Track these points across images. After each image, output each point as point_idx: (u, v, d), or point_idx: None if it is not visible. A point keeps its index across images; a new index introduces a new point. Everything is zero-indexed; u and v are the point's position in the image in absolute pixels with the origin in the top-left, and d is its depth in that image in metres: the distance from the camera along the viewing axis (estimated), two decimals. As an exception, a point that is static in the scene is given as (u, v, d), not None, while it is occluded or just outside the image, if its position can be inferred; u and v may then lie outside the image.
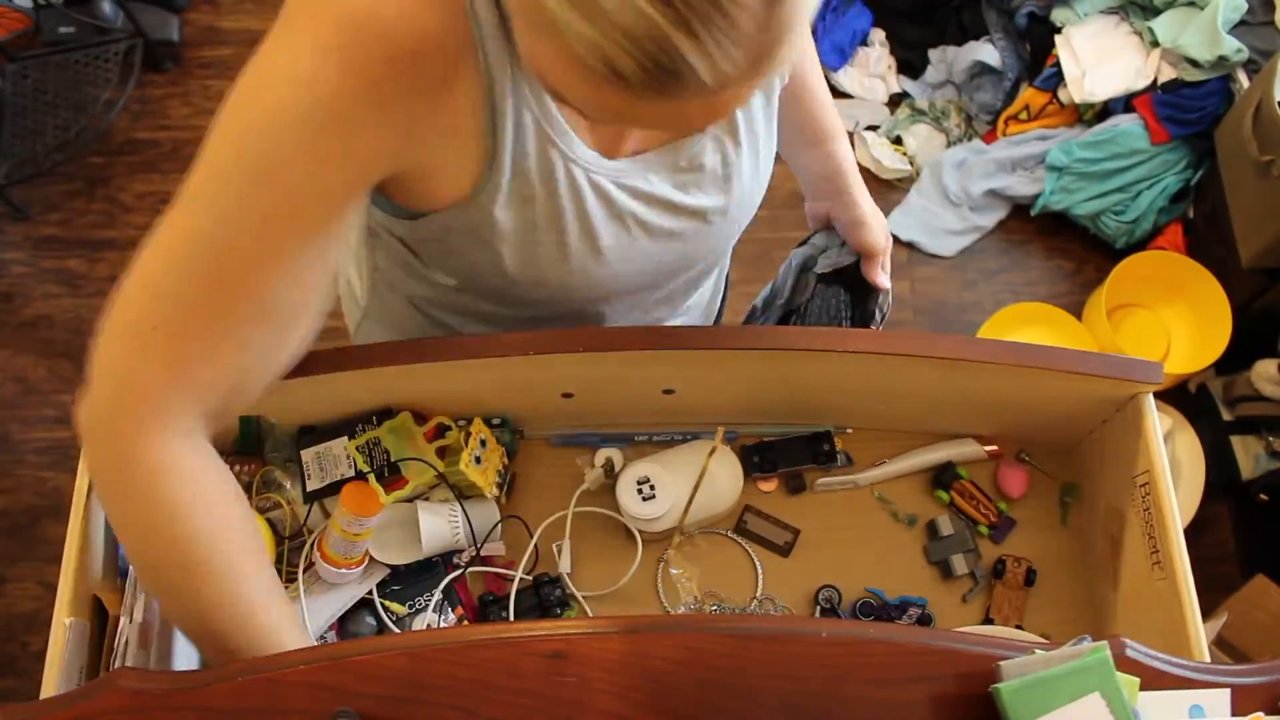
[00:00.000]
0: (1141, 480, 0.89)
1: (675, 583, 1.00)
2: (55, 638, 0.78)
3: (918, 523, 1.02)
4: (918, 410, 1.01)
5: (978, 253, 2.26)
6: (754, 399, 0.99)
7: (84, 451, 0.69)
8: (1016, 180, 2.22)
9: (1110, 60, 2.11)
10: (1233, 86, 2.01)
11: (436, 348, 0.88)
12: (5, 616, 1.90)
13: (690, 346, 0.89)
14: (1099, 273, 2.16)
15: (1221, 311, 2.00)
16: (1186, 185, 2.12)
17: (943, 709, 0.71)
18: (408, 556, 0.94)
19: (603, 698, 0.69)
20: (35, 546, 1.96)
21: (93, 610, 0.83)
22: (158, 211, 0.66)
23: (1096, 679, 0.67)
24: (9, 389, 2.09)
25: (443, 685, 0.70)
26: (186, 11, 2.46)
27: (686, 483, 0.96)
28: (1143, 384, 0.89)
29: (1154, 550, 0.87)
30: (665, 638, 0.71)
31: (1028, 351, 0.89)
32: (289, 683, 0.69)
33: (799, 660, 0.72)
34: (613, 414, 1.01)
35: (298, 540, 0.95)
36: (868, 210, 1.04)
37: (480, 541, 0.96)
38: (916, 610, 0.97)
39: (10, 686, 1.84)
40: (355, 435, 0.94)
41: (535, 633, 0.72)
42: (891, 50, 2.42)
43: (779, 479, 1.03)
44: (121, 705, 0.69)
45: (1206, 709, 0.71)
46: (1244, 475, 1.92)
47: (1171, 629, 0.84)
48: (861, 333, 0.90)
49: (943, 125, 2.34)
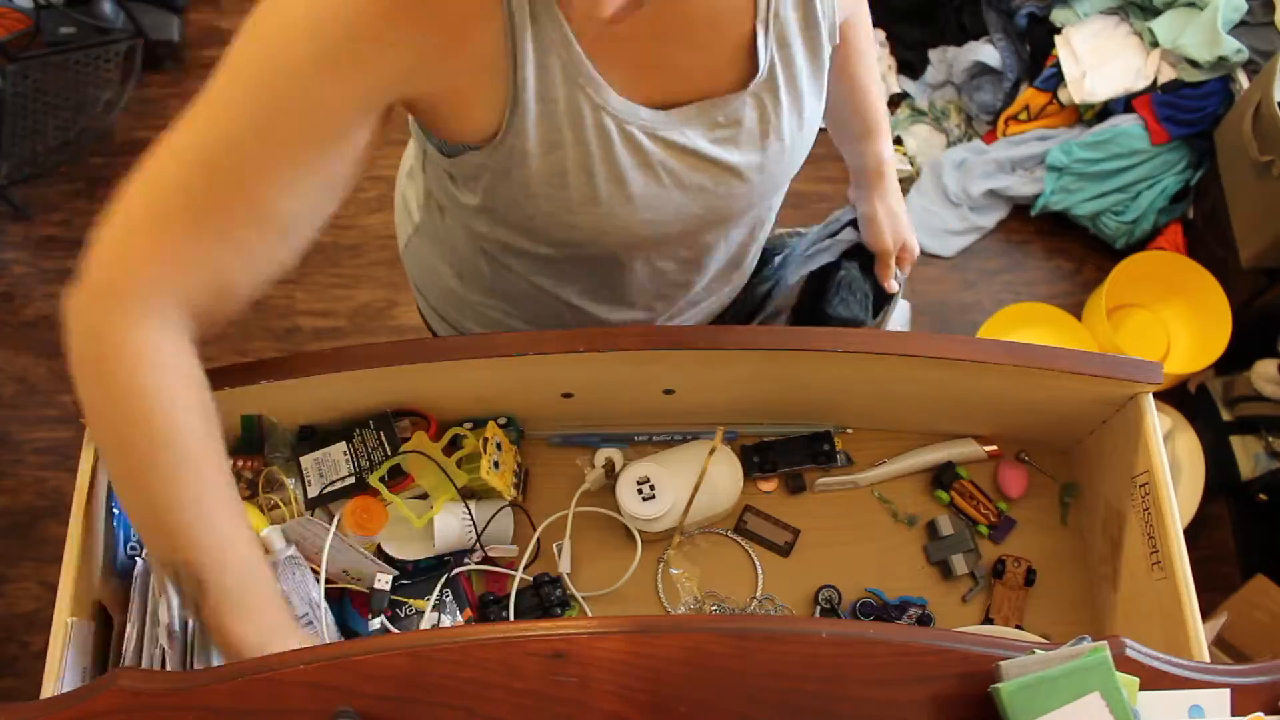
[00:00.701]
0: (1141, 480, 0.89)
1: (675, 583, 1.00)
2: (55, 638, 0.78)
3: (918, 523, 1.02)
4: (918, 410, 1.01)
5: (978, 253, 2.26)
6: (754, 399, 0.99)
7: (66, 331, 0.69)
8: (1016, 180, 2.22)
9: (1110, 60, 2.11)
10: (1232, 87, 2.01)
11: (437, 348, 0.88)
12: (5, 616, 1.90)
13: (690, 346, 0.89)
14: (1099, 273, 2.16)
15: (1221, 311, 2.00)
16: (1186, 185, 2.12)
17: (943, 709, 0.71)
18: (421, 552, 0.94)
19: (603, 698, 0.69)
20: (35, 546, 1.96)
21: (95, 610, 0.83)
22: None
23: (1096, 679, 0.67)
24: (9, 389, 2.09)
25: (443, 685, 0.70)
26: (187, 11, 2.46)
27: (686, 483, 0.96)
28: (1143, 384, 0.89)
29: (1154, 550, 0.87)
30: (665, 638, 0.71)
31: (1028, 352, 0.89)
32: (289, 683, 0.69)
33: (799, 660, 0.72)
34: (613, 414, 1.01)
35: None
36: (880, 210, 1.06)
37: (478, 540, 0.96)
38: (916, 610, 0.97)
39: (10, 686, 1.84)
40: (352, 439, 0.94)
41: (535, 633, 0.72)
42: (891, 50, 2.42)
43: (779, 479, 1.03)
44: (121, 705, 0.69)
45: (1206, 709, 0.71)
46: (1244, 475, 1.92)
47: (1171, 629, 0.84)
48: (861, 333, 0.90)
49: (943, 125, 2.34)
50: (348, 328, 2.13)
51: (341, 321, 2.14)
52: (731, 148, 0.80)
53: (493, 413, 0.99)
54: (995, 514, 1.01)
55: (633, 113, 0.74)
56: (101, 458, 0.82)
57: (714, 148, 0.79)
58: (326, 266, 2.17)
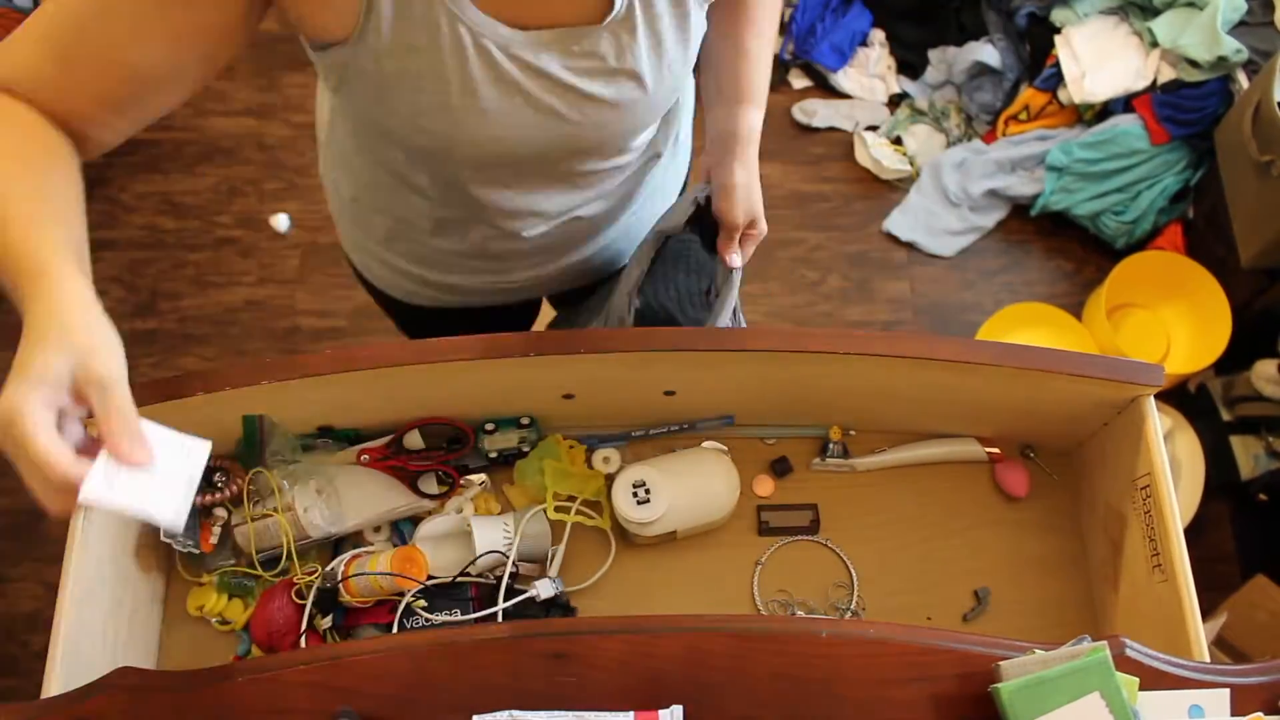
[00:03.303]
0: (1142, 483, 0.89)
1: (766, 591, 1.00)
2: (55, 638, 0.78)
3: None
4: (918, 412, 1.01)
5: (978, 253, 2.26)
6: (754, 400, 0.99)
7: None
8: (1016, 180, 2.22)
9: (1110, 60, 2.12)
10: (1232, 87, 2.02)
11: (439, 348, 0.88)
12: (5, 616, 1.90)
13: (691, 348, 0.89)
14: (1099, 273, 2.16)
15: (1221, 311, 2.00)
16: (1186, 185, 2.12)
17: (943, 709, 0.71)
18: (458, 566, 0.93)
19: (603, 698, 0.69)
20: (35, 546, 1.96)
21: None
22: (158, 211, 0.66)
23: (1096, 679, 0.67)
24: (9, 389, 2.09)
25: (443, 685, 0.70)
26: (186, 11, 2.46)
27: (682, 487, 0.96)
28: (1143, 387, 0.90)
29: (1154, 553, 0.87)
30: (665, 638, 0.71)
31: (1029, 354, 0.89)
32: (289, 683, 0.69)
33: (799, 660, 0.72)
34: (614, 415, 1.01)
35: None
36: (739, 177, 1.01)
37: (478, 555, 0.96)
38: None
39: (10, 686, 1.84)
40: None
41: (535, 632, 0.72)
42: (891, 51, 2.42)
43: (770, 473, 1.03)
44: (121, 705, 0.69)
45: (1206, 709, 0.71)
46: (1244, 475, 1.92)
47: (1171, 629, 0.84)
48: (861, 335, 0.90)
49: (942, 125, 2.35)
50: (348, 328, 2.13)
51: (341, 321, 2.14)
52: (586, 79, 0.81)
53: (494, 414, 0.99)
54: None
55: (490, 27, 0.76)
56: None
57: (568, 75, 0.81)
58: (326, 266, 2.17)
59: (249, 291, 2.16)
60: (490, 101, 0.80)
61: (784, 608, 0.99)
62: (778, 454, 1.04)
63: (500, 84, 0.79)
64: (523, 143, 0.85)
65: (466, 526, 0.94)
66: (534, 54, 0.79)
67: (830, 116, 2.35)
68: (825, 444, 1.03)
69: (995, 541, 1.02)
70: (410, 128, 0.82)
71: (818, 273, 2.23)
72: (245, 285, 2.16)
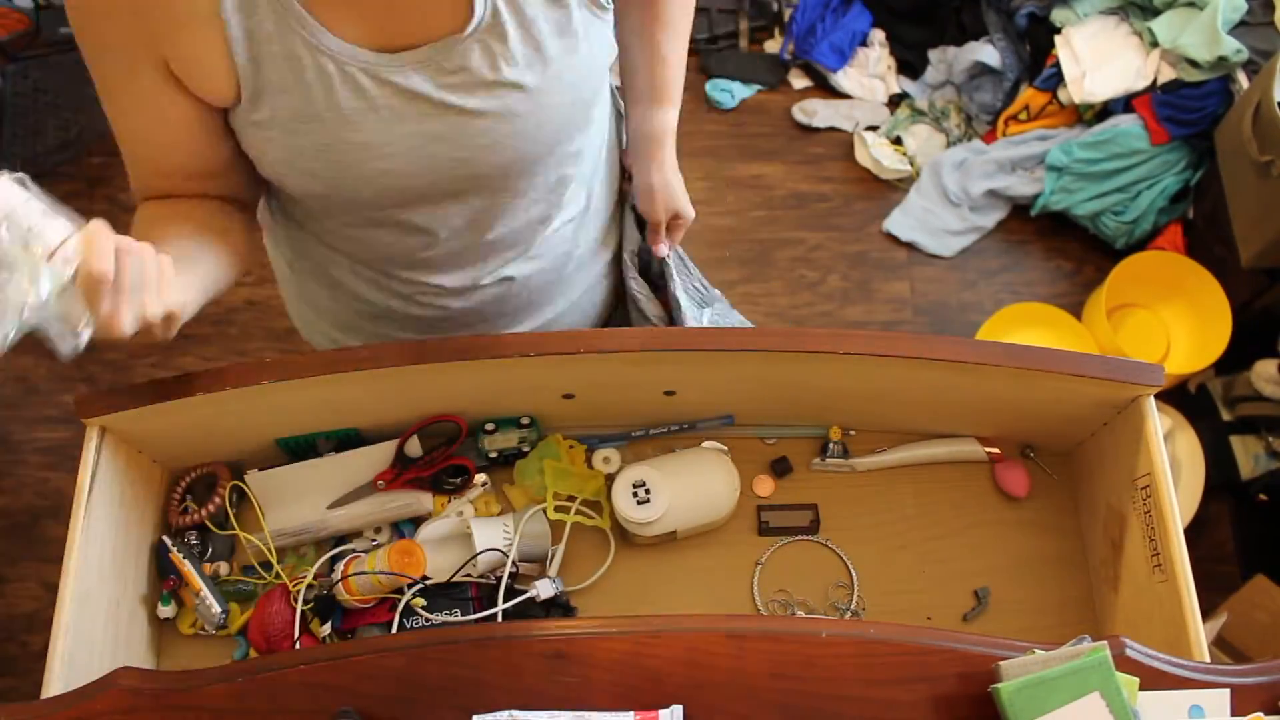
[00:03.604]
0: (1142, 483, 0.89)
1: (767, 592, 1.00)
2: (55, 638, 0.78)
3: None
4: (918, 412, 1.01)
5: (978, 253, 2.26)
6: (754, 400, 0.99)
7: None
8: (1016, 180, 2.22)
9: (1110, 60, 2.11)
10: (1232, 87, 2.02)
11: (439, 349, 0.88)
12: (5, 616, 1.90)
13: (691, 348, 0.89)
14: (1099, 273, 2.16)
15: (1221, 311, 2.00)
16: (1186, 185, 2.12)
17: (943, 709, 0.71)
18: (456, 566, 0.93)
19: (603, 698, 0.69)
20: (35, 546, 1.96)
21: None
22: (158, 212, 0.67)
23: (1096, 679, 0.67)
24: (10, 389, 2.09)
25: (443, 685, 0.70)
26: (186, 11, 2.46)
27: (682, 487, 0.96)
28: (1143, 387, 0.89)
29: (1155, 553, 0.87)
30: (665, 638, 0.71)
31: (1029, 354, 0.89)
32: (289, 683, 0.69)
33: (799, 660, 0.72)
34: (614, 415, 1.01)
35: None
36: (656, 181, 1.05)
37: (473, 559, 0.96)
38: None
39: (10, 686, 1.84)
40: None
41: (535, 633, 0.72)
42: (891, 51, 2.42)
43: (770, 473, 1.03)
44: (121, 705, 0.69)
45: (1206, 709, 0.71)
46: (1244, 475, 1.92)
47: (1171, 629, 0.84)
48: (861, 335, 0.90)
49: (942, 125, 2.35)
50: (348, 328, 2.13)
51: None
52: (463, 94, 0.78)
53: (494, 414, 0.99)
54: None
55: (351, 53, 0.74)
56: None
57: (442, 92, 0.77)
58: (326, 266, 2.17)
59: (249, 291, 2.16)
60: (369, 133, 0.77)
61: (784, 608, 0.99)
62: (778, 454, 1.04)
63: (374, 113, 0.76)
64: (414, 174, 0.81)
65: (467, 529, 0.94)
66: (403, 76, 0.76)
67: (830, 116, 2.35)
68: (825, 444, 1.03)
69: (995, 541, 1.02)
70: (297, 173, 0.80)
71: (818, 273, 2.23)
72: (245, 285, 2.16)
